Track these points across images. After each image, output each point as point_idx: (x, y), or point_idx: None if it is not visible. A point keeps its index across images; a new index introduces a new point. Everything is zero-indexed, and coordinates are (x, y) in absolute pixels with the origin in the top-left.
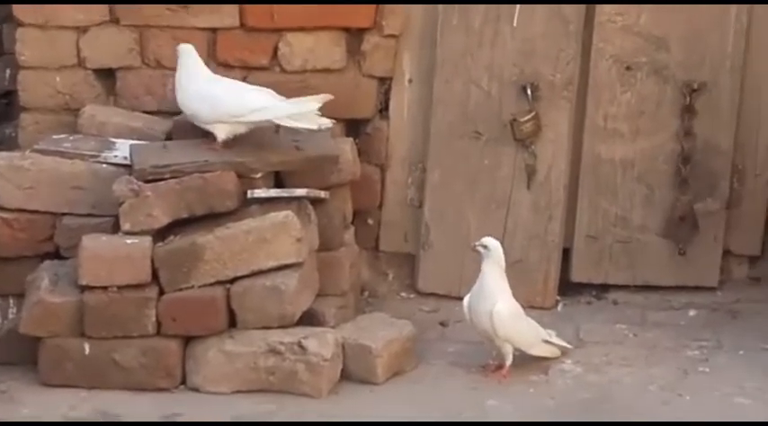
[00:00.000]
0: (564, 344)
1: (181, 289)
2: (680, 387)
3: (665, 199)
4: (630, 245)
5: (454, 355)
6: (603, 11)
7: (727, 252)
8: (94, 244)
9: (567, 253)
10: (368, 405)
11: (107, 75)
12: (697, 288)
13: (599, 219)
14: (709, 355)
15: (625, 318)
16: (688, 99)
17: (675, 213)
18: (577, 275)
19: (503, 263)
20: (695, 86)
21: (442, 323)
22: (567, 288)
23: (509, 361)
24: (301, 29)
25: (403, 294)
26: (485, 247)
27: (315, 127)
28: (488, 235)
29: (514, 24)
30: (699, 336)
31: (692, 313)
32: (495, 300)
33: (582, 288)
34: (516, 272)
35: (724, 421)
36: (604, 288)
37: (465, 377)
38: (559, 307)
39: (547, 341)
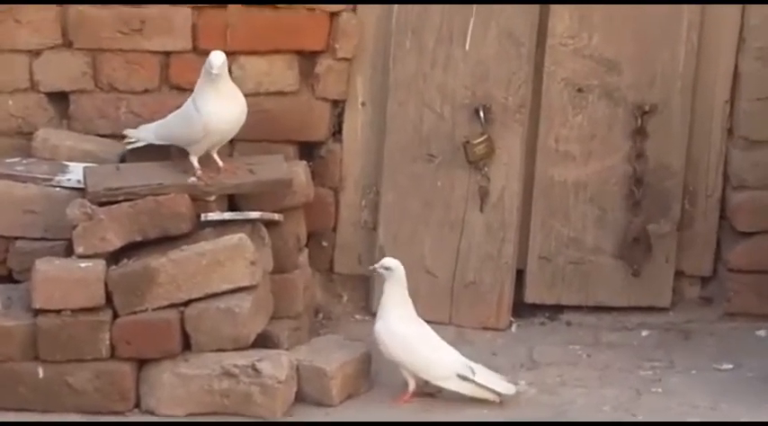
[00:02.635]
0: (499, 388)
1: (135, 312)
2: (633, 408)
3: (617, 221)
4: (583, 267)
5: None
6: (555, 33)
7: (679, 273)
8: (48, 268)
9: (520, 275)
10: None
11: (60, 99)
12: (649, 309)
13: (552, 241)
14: (662, 375)
15: (578, 339)
16: (639, 121)
17: (629, 235)
18: (531, 296)
19: (405, 284)
20: (646, 108)
21: None
22: (521, 309)
23: (411, 386)
24: (254, 52)
25: (357, 316)
26: (387, 269)
27: None
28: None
29: (467, 47)
30: (651, 357)
31: (644, 333)
32: (379, 319)
33: (535, 309)
34: (470, 294)
35: None
36: (558, 308)
37: (418, 400)
38: (513, 328)
39: (467, 379)
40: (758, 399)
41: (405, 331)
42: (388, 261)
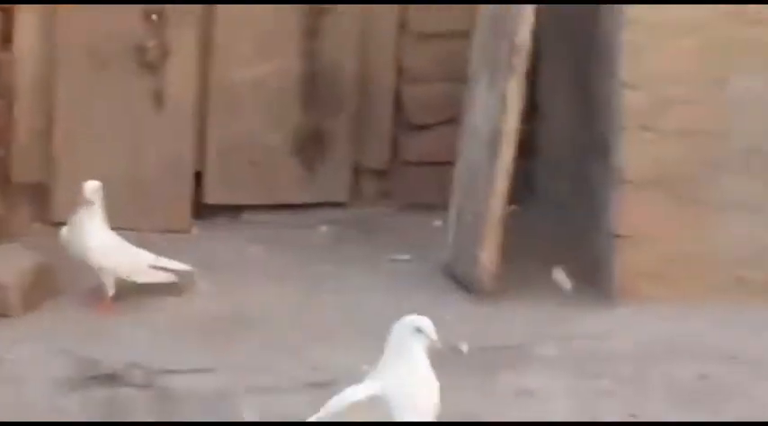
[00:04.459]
0: (181, 267)
1: None
2: (312, 302)
3: (293, 119)
4: (261, 166)
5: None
6: None
7: (356, 168)
8: None
9: (199, 176)
10: (4, 339)
11: None
12: (328, 205)
13: (229, 141)
14: (341, 269)
15: (259, 238)
16: (313, 20)
17: (302, 132)
18: (211, 197)
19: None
20: (319, 7)
21: None
22: (202, 210)
23: (110, 291)
24: None
25: (37, 224)
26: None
27: None
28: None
29: None
30: (330, 251)
31: (324, 229)
32: (88, 235)
33: (216, 210)
34: (151, 197)
35: None
36: (238, 208)
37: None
38: (194, 230)
39: (157, 267)
40: (435, 288)
41: (101, 236)
42: (90, 184)
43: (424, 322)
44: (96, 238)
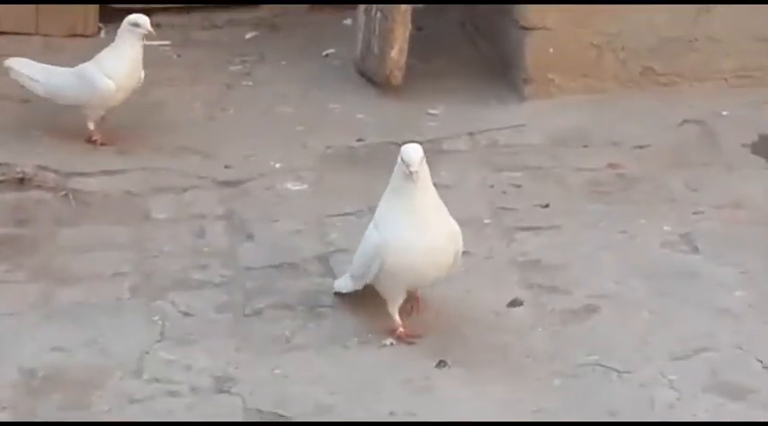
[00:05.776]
0: None
1: None
2: (224, 102)
3: None
4: None
5: None
6: None
7: None
8: None
9: None
10: None
11: None
12: (239, 4)
13: None
14: (252, 69)
15: (169, 39)
16: None
17: None
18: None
19: None
20: None
21: None
22: (109, 13)
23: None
24: None
25: None
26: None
27: None
28: None
29: None
30: (242, 52)
31: (234, 29)
32: None
33: (124, 12)
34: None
35: None
36: (146, 11)
37: None
38: (102, 34)
39: None
40: (346, 85)
41: None
42: None
43: (407, 150)
44: None
